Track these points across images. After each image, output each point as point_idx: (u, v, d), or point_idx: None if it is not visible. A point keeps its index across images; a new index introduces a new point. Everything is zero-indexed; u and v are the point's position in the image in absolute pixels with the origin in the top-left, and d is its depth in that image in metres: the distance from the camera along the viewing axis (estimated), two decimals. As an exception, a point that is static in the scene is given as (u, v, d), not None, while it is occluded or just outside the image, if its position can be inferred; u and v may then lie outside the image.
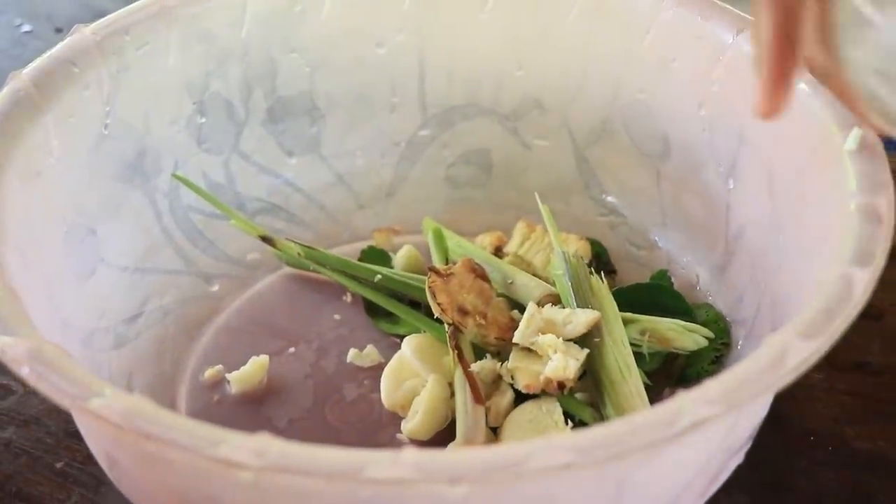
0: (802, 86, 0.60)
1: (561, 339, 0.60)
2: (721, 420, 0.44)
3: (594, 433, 0.43)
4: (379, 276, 0.69)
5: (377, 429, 0.64)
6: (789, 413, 0.65)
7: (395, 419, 0.64)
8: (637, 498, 0.48)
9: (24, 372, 0.46)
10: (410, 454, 0.42)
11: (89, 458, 0.62)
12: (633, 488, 0.47)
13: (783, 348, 0.47)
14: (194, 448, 0.43)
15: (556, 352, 0.60)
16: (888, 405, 0.66)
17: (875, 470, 0.63)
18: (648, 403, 0.60)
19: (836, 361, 0.67)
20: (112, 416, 0.44)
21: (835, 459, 0.63)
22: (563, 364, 0.59)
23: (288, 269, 0.73)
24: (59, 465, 0.64)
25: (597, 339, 0.61)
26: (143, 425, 0.43)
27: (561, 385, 0.60)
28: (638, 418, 0.44)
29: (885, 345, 0.69)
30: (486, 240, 0.72)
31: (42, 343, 0.48)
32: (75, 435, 0.64)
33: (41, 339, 0.48)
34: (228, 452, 0.42)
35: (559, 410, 0.60)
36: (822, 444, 0.64)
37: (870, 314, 0.69)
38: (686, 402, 0.44)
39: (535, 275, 0.68)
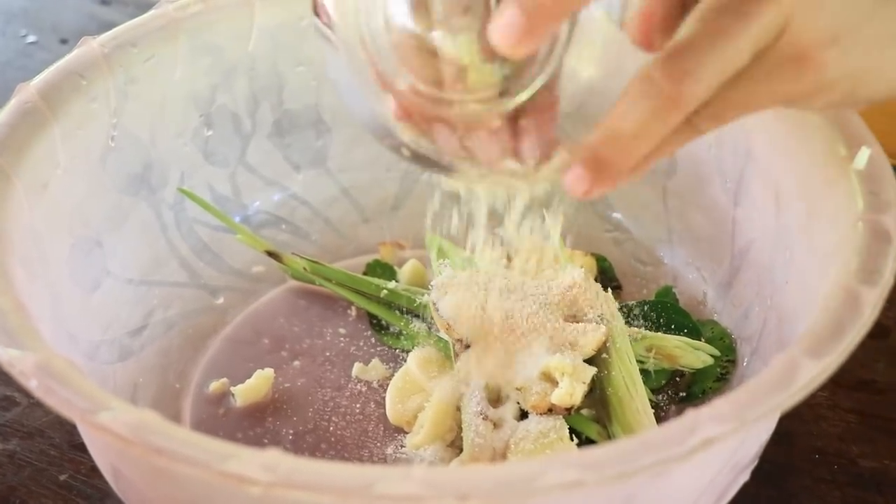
0: None
1: (569, 352, 0.60)
2: (730, 438, 0.44)
3: (604, 450, 0.43)
4: (385, 291, 0.69)
5: (382, 443, 0.63)
6: (795, 431, 0.65)
7: (401, 434, 0.64)
8: (646, 515, 0.48)
9: (33, 385, 0.46)
10: (420, 470, 0.42)
11: (93, 471, 0.62)
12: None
13: (792, 367, 0.47)
14: (203, 463, 0.42)
15: (563, 375, 0.59)
16: (893, 423, 0.66)
17: (880, 487, 0.63)
18: (654, 421, 0.60)
19: (842, 379, 0.67)
20: (120, 429, 0.44)
21: (840, 477, 0.63)
22: (570, 390, 0.59)
23: (293, 283, 0.73)
24: (63, 478, 0.64)
25: (604, 356, 0.61)
26: (151, 439, 0.43)
27: (567, 408, 0.60)
28: (648, 436, 0.44)
29: (890, 363, 0.69)
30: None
31: (50, 356, 0.48)
32: (79, 447, 0.64)
33: (50, 352, 0.48)
34: (238, 467, 0.42)
35: (565, 427, 0.60)
36: (827, 462, 0.64)
37: (875, 332, 0.69)
38: (696, 420, 0.44)
39: None
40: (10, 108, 0.61)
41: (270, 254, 0.71)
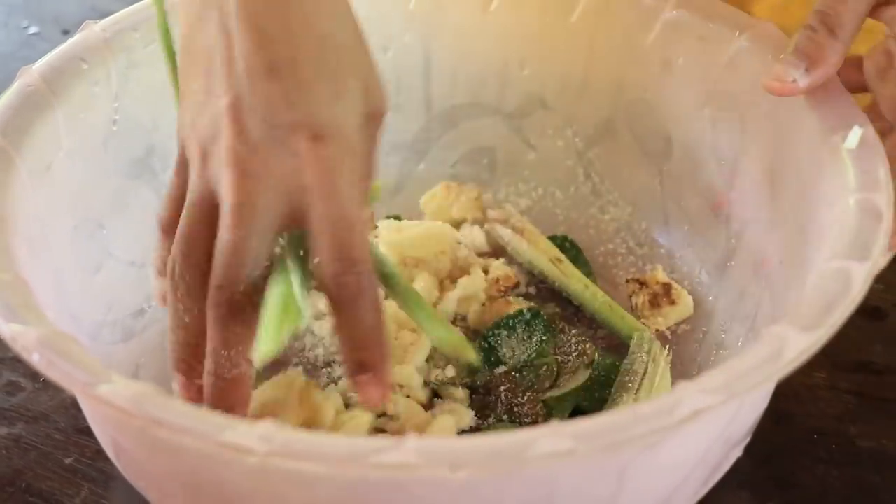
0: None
1: None
2: (721, 409, 0.45)
3: (595, 421, 0.44)
4: None
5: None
6: (793, 411, 0.65)
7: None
8: (638, 486, 0.49)
9: (35, 359, 0.47)
10: (413, 441, 0.43)
11: (98, 454, 0.62)
12: (633, 476, 0.48)
13: (782, 340, 0.47)
14: (201, 433, 0.43)
15: None
16: (891, 404, 0.66)
17: (878, 467, 0.63)
18: None
19: (840, 361, 0.68)
20: (120, 401, 0.44)
21: (838, 457, 0.63)
22: None
23: (293, 266, 0.74)
24: (68, 461, 0.64)
25: None
26: (150, 411, 0.44)
27: None
28: (639, 407, 0.44)
29: (887, 345, 0.70)
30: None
31: (52, 331, 0.48)
32: (84, 431, 0.64)
33: (51, 327, 0.49)
34: (235, 437, 0.43)
35: None
36: (825, 443, 0.64)
37: (873, 314, 0.70)
38: (686, 392, 0.45)
39: None
40: (14, 91, 0.61)
41: None
